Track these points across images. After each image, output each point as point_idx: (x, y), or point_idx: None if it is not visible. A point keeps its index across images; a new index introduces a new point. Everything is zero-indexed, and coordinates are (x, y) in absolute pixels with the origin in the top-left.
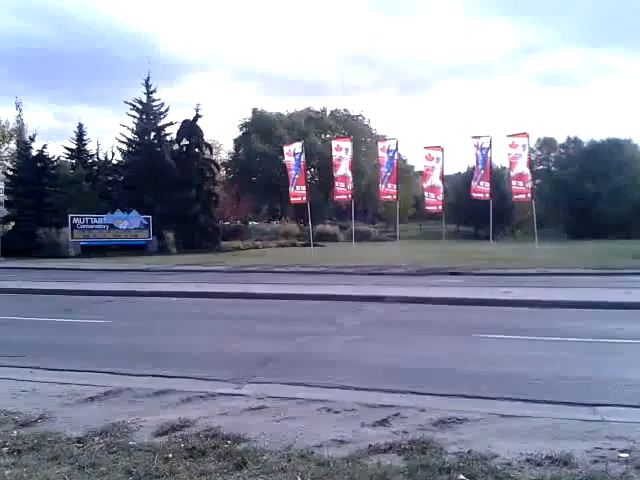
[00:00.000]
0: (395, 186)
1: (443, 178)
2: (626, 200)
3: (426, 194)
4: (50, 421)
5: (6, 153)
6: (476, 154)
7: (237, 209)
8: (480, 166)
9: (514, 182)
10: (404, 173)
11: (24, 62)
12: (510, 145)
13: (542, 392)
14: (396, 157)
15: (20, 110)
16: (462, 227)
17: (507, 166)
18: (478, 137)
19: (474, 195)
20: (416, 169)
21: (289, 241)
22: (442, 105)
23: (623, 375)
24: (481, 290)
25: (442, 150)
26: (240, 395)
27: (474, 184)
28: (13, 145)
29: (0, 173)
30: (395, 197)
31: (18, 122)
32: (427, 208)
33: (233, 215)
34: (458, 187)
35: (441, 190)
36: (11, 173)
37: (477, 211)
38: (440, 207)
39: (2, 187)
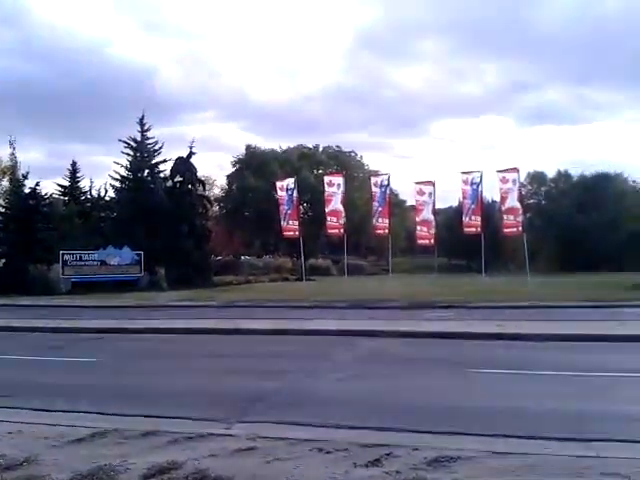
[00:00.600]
0: (387, 220)
1: (435, 212)
2: (617, 233)
3: (418, 228)
4: (36, 464)
5: None
6: (464, 190)
7: (230, 244)
8: (470, 201)
9: (505, 216)
10: (396, 207)
11: (18, 100)
12: (501, 180)
13: (537, 428)
14: (388, 192)
15: (14, 148)
16: (454, 260)
17: (498, 200)
18: (468, 172)
19: (466, 230)
20: (408, 203)
21: (281, 276)
22: (433, 141)
23: (617, 409)
24: (474, 324)
25: (433, 185)
26: (230, 435)
27: (465, 219)
28: (6, 183)
29: None
30: (387, 231)
31: (11, 160)
32: (419, 242)
33: (226, 250)
34: (450, 221)
35: (433, 224)
36: (3, 210)
37: (469, 244)
38: (432, 240)
39: None
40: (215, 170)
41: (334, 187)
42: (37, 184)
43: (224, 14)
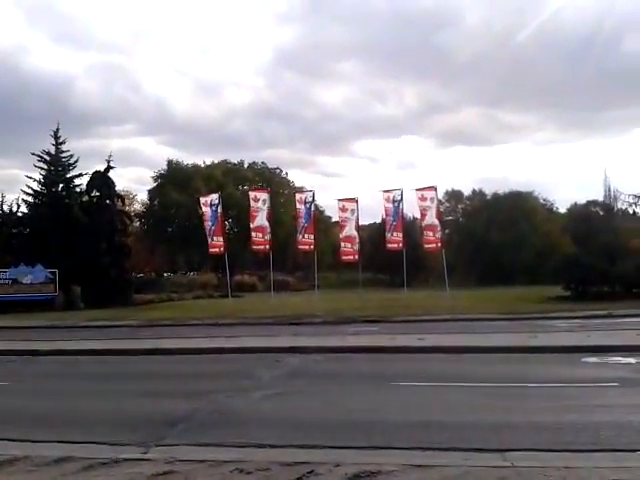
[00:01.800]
0: (312, 236)
1: (358, 228)
2: (529, 248)
3: (342, 244)
4: None
5: None
6: (386, 207)
7: (151, 261)
8: (392, 218)
9: (425, 232)
10: (322, 223)
11: None
12: (420, 198)
13: (456, 439)
14: (313, 208)
15: None
16: (378, 275)
17: (418, 217)
18: (389, 191)
19: (389, 245)
20: (334, 219)
21: (206, 292)
22: (356, 159)
23: (533, 419)
24: (396, 337)
25: (356, 202)
26: (147, 460)
27: (388, 235)
28: None
29: None
30: (312, 247)
31: None
32: (343, 257)
33: (147, 267)
34: (373, 237)
35: (357, 240)
36: None
37: (392, 260)
38: (356, 256)
39: None
40: (135, 185)
41: (259, 203)
42: None
43: (144, 26)
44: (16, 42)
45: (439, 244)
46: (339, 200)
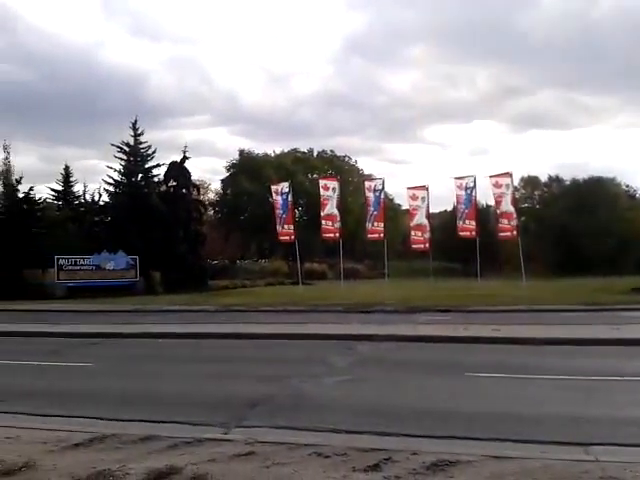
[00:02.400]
0: (382, 224)
1: (429, 216)
2: (610, 236)
3: (412, 232)
4: (34, 469)
5: None
6: (458, 194)
7: (225, 248)
8: (464, 205)
9: (500, 220)
10: (391, 211)
11: (10, 104)
12: (494, 185)
13: (535, 432)
14: (382, 196)
15: (7, 152)
16: (449, 264)
17: (493, 204)
18: (461, 178)
19: (461, 234)
20: (404, 207)
21: (277, 279)
22: (426, 145)
23: (615, 413)
24: (470, 327)
25: (427, 189)
26: (228, 440)
27: (460, 223)
28: (0, 187)
29: None
30: (382, 235)
31: (5, 164)
32: (413, 246)
33: (221, 254)
34: (445, 225)
35: (427, 228)
36: None
37: (464, 248)
38: (427, 245)
39: None
40: (209, 175)
41: (329, 191)
42: (31, 189)
43: (215, 19)
44: (95, 36)
45: (515, 232)
46: (409, 188)
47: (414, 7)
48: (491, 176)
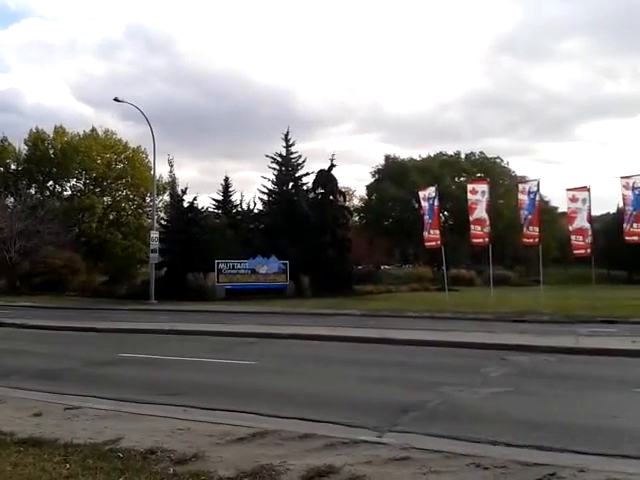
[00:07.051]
0: (537, 229)
1: (591, 220)
2: None
3: (573, 237)
4: (203, 460)
5: (160, 205)
6: (624, 195)
7: (369, 254)
8: (632, 207)
9: None
10: (546, 215)
11: (173, 123)
12: None
13: None
14: (537, 199)
15: (172, 166)
16: (614, 271)
17: None
18: (629, 177)
19: (627, 238)
20: (560, 210)
21: (422, 285)
22: (582, 144)
23: None
24: (639, 340)
25: (588, 190)
26: (382, 444)
27: (626, 226)
28: (167, 197)
29: (155, 223)
30: (538, 240)
31: (170, 177)
32: (574, 252)
33: (366, 260)
34: (608, 229)
35: (589, 232)
36: (165, 223)
37: (631, 254)
38: (588, 250)
39: (157, 236)
40: (354, 182)
41: (478, 195)
42: (195, 199)
43: (356, 30)
44: (245, 56)
45: None
46: (568, 190)
47: (565, 1)
48: None
